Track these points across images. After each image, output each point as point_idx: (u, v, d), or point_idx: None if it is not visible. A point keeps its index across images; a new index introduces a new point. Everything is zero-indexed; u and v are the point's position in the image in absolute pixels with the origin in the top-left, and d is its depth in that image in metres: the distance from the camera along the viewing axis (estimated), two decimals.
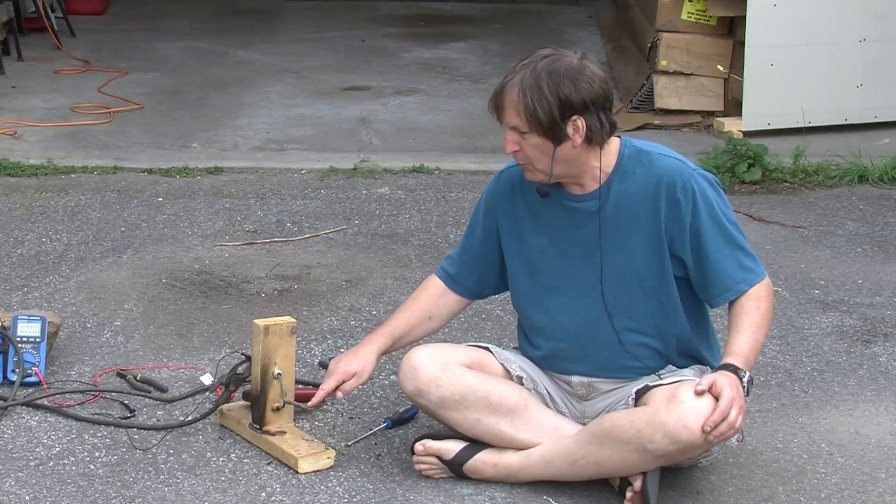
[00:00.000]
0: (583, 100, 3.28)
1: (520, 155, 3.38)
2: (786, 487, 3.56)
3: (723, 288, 3.38)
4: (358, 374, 3.58)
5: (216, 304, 4.72)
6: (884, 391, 4.16)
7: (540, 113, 3.27)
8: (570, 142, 3.31)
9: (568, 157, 3.34)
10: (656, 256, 3.41)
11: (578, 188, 3.44)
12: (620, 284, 3.44)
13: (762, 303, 3.37)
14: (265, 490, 3.48)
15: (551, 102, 3.26)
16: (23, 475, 3.52)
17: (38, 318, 4.05)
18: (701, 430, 3.17)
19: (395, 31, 9.99)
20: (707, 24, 7.32)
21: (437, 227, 5.60)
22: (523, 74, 3.29)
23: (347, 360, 3.60)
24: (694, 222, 3.37)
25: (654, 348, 3.46)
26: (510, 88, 3.30)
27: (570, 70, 3.28)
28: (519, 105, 3.29)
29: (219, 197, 5.93)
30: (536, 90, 3.27)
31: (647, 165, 3.41)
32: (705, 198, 3.37)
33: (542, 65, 3.29)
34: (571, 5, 10.93)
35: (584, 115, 3.29)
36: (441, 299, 3.69)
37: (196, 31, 9.83)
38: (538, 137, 3.31)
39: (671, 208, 3.37)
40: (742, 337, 3.32)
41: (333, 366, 3.62)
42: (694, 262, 3.39)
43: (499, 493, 3.48)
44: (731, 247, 3.39)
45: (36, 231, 5.41)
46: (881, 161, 6.47)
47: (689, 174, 3.38)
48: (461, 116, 7.53)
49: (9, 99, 7.61)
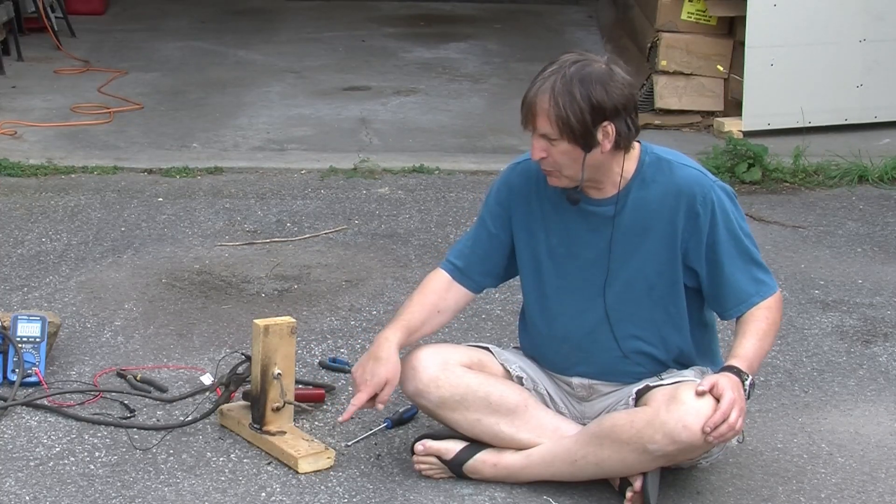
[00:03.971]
0: (614, 105, 3.23)
1: (547, 161, 3.32)
2: (786, 487, 3.56)
3: (736, 301, 3.38)
4: (389, 380, 3.41)
5: (216, 304, 4.71)
6: (884, 391, 4.16)
7: (572, 120, 3.22)
8: (599, 148, 3.27)
9: (595, 163, 3.31)
10: (668, 265, 3.40)
11: (596, 192, 3.40)
12: (628, 291, 3.42)
13: (771, 312, 3.37)
14: (265, 490, 3.48)
15: (584, 109, 3.21)
16: (23, 475, 3.51)
17: (38, 318, 4.04)
18: (701, 431, 3.17)
19: (395, 31, 9.98)
20: (707, 24, 7.32)
21: (437, 227, 5.60)
22: (553, 81, 3.23)
23: (374, 368, 3.42)
24: (711, 234, 3.35)
25: (655, 357, 3.46)
26: (541, 95, 3.24)
27: (601, 75, 3.23)
28: (550, 112, 3.23)
29: (219, 197, 5.93)
30: (568, 97, 3.21)
31: (667, 174, 3.38)
32: (724, 211, 3.36)
33: (573, 71, 3.23)
34: (571, 5, 10.92)
35: (615, 120, 3.25)
36: (448, 293, 3.60)
37: (196, 31, 9.82)
38: (568, 144, 3.26)
39: (690, 219, 3.36)
40: (748, 342, 3.32)
41: (359, 376, 3.43)
42: (708, 274, 3.39)
43: (499, 493, 3.48)
44: (746, 260, 3.38)
45: (36, 231, 5.41)
46: (881, 161, 6.47)
47: (710, 186, 3.37)
48: (461, 116, 7.53)
49: (9, 99, 7.61)
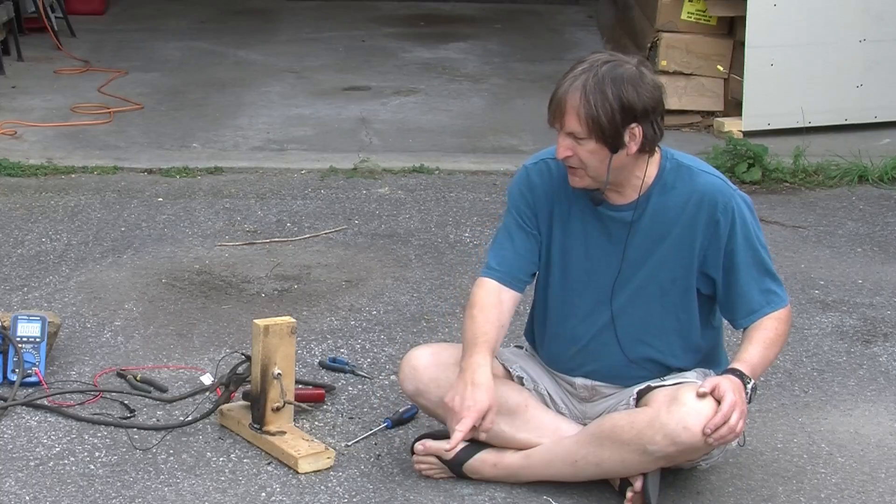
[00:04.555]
0: (644, 107, 3.23)
1: (573, 160, 3.30)
2: (786, 487, 3.56)
3: (747, 310, 3.38)
4: (492, 406, 3.30)
5: (216, 304, 4.71)
6: (884, 391, 4.16)
7: (603, 119, 3.21)
8: (625, 150, 3.26)
9: (621, 165, 3.30)
10: (683, 272, 3.39)
11: (617, 196, 3.39)
12: (639, 297, 3.42)
13: (780, 324, 3.37)
14: (265, 490, 3.48)
15: (615, 109, 3.20)
16: (23, 475, 3.51)
17: (38, 318, 4.04)
18: (701, 433, 3.17)
19: (395, 31, 9.97)
20: (707, 24, 7.31)
21: (437, 227, 5.60)
22: (585, 79, 3.22)
23: (472, 395, 3.29)
24: (730, 243, 3.35)
25: (662, 363, 3.45)
26: (572, 93, 3.22)
27: (632, 76, 3.23)
28: (580, 110, 3.21)
29: (219, 197, 5.93)
30: (601, 95, 3.20)
31: (687, 180, 3.37)
32: (743, 220, 3.36)
33: (604, 70, 3.22)
34: (571, 5, 10.92)
35: (643, 122, 3.24)
36: (503, 304, 3.46)
37: (196, 31, 9.82)
38: (596, 144, 3.25)
39: (710, 227, 3.35)
40: (753, 348, 3.33)
41: (457, 403, 3.30)
42: (724, 283, 3.39)
43: (499, 493, 3.48)
44: (760, 270, 3.38)
45: (36, 231, 5.41)
46: (881, 161, 6.47)
47: (731, 195, 3.36)
48: (461, 116, 7.53)
49: (9, 99, 7.60)
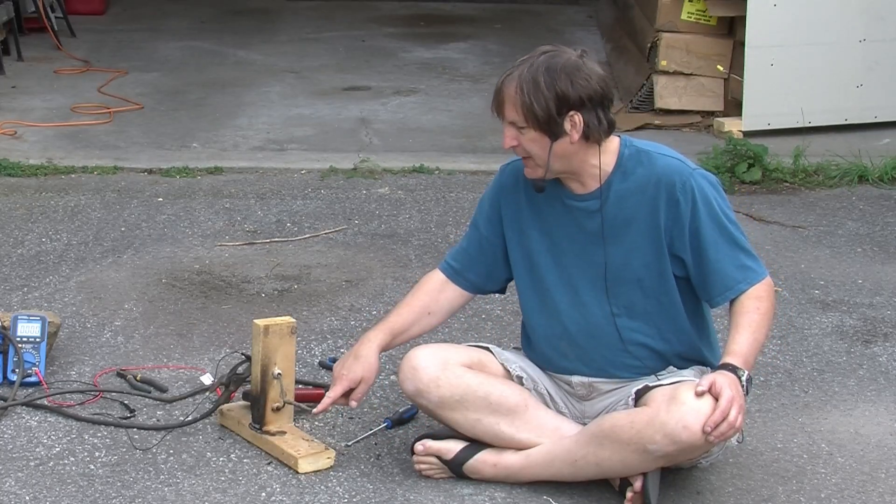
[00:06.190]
0: (579, 96, 3.29)
1: (519, 150, 3.39)
2: (786, 487, 3.56)
3: (722, 287, 3.38)
4: (364, 378, 3.54)
5: (216, 304, 4.71)
6: (884, 391, 4.16)
7: (536, 108, 3.29)
8: (567, 138, 3.32)
9: (566, 153, 3.35)
10: (654, 256, 3.41)
11: (579, 186, 3.44)
12: (620, 283, 3.44)
13: (762, 302, 3.36)
14: (265, 490, 3.48)
15: (547, 97, 3.28)
16: (23, 475, 3.51)
17: (38, 318, 4.04)
18: (701, 431, 3.17)
19: (395, 31, 9.98)
20: (707, 24, 7.32)
21: (437, 227, 5.60)
22: (521, 70, 3.32)
23: (350, 365, 3.55)
24: (693, 222, 3.37)
25: (654, 349, 3.46)
26: (508, 84, 3.33)
27: (568, 66, 3.30)
28: (516, 100, 3.31)
29: (219, 197, 5.93)
30: (533, 85, 3.29)
31: (646, 165, 3.41)
32: (704, 197, 3.37)
33: (541, 61, 3.32)
34: (571, 5, 10.92)
35: (581, 111, 3.30)
36: (441, 294, 3.67)
37: (196, 31, 9.82)
38: (535, 132, 3.33)
39: (670, 208, 3.37)
40: (741, 336, 3.32)
41: (337, 370, 3.57)
42: (694, 262, 3.39)
43: (499, 493, 3.48)
44: (731, 246, 3.38)
45: (36, 231, 5.41)
46: (881, 161, 6.47)
47: (689, 174, 3.39)
48: (461, 116, 7.53)
49: (9, 99, 7.61)
